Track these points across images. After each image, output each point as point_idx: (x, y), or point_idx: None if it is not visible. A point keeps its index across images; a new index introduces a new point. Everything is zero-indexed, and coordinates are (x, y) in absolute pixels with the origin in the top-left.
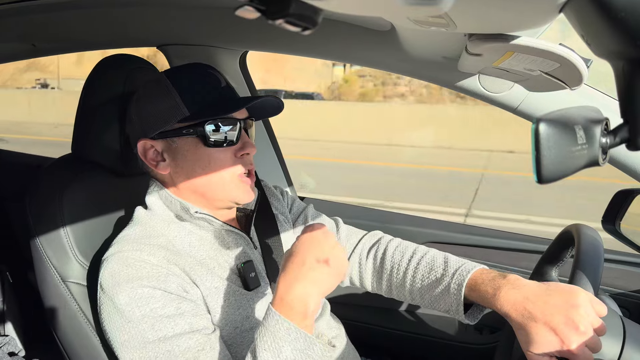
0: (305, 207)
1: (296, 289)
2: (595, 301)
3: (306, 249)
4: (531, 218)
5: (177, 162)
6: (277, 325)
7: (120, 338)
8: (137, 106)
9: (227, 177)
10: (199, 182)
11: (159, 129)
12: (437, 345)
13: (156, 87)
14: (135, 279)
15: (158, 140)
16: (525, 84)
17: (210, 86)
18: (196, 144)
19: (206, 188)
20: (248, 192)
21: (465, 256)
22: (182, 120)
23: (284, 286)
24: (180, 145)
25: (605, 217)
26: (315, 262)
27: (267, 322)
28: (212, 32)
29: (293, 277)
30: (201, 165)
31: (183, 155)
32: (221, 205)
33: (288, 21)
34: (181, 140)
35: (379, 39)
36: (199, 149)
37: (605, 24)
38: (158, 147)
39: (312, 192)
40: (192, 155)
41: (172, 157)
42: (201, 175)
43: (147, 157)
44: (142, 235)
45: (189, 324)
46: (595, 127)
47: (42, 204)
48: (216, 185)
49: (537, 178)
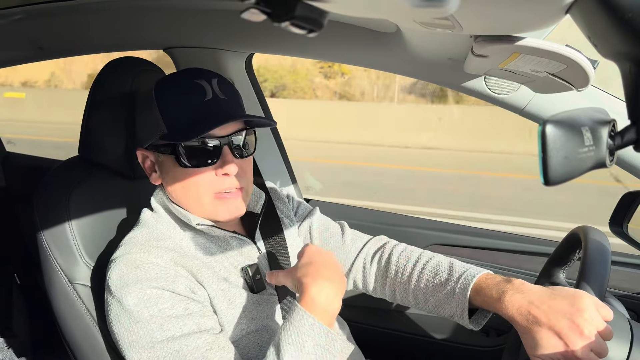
0: (311, 210)
1: (319, 296)
2: (600, 305)
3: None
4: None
5: (163, 176)
6: (301, 320)
7: (128, 338)
8: (137, 113)
9: (204, 196)
10: (181, 198)
11: (148, 141)
12: (443, 348)
13: (148, 97)
14: (144, 280)
15: (150, 152)
16: (532, 86)
17: (192, 101)
18: (174, 163)
19: (187, 205)
20: (229, 210)
21: (471, 258)
22: (162, 137)
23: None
24: (164, 161)
25: (613, 219)
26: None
27: (292, 317)
28: (218, 34)
29: (324, 278)
30: (180, 184)
31: (166, 171)
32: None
33: (294, 24)
34: (164, 156)
35: (384, 41)
36: (176, 168)
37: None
38: (151, 157)
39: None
40: (172, 173)
41: (160, 170)
42: (179, 193)
43: (144, 165)
44: (149, 237)
45: (197, 324)
46: (602, 129)
47: (50, 206)
48: (195, 204)
49: (544, 180)
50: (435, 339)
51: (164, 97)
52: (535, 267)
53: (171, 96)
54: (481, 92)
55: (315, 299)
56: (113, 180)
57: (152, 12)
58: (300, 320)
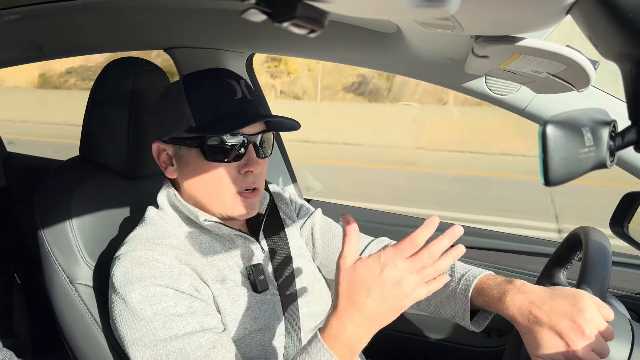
0: (313, 211)
1: (348, 331)
2: (601, 305)
3: (373, 290)
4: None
5: (181, 169)
6: (318, 353)
7: (131, 336)
8: (155, 108)
9: (226, 193)
10: (197, 193)
11: (170, 134)
12: (444, 349)
13: (173, 91)
14: (148, 277)
15: (169, 145)
16: (532, 86)
17: (223, 98)
18: (198, 156)
19: (205, 200)
20: (248, 208)
21: (472, 259)
22: (189, 130)
23: (337, 325)
24: (186, 154)
25: (613, 220)
26: (381, 308)
27: (311, 348)
28: (219, 35)
29: (348, 318)
30: (202, 178)
31: (186, 164)
32: (222, 217)
33: (294, 24)
34: (187, 150)
35: (385, 42)
36: (200, 161)
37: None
38: (169, 151)
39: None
40: (194, 166)
41: (178, 163)
42: (200, 188)
43: (159, 159)
44: (154, 235)
45: (200, 323)
46: (602, 129)
47: (50, 206)
48: (215, 199)
49: (544, 180)
50: (436, 340)
51: (194, 92)
52: (536, 268)
53: (202, 91)
54: (482, 92)
55: (339, 335)
56: (114, 180)
57: (152, 12)
58: (317, 353)
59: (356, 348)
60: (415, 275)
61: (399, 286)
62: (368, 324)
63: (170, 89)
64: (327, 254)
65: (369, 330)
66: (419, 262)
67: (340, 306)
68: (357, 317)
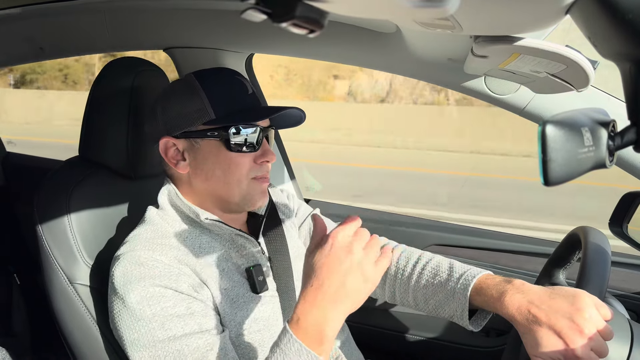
0: (311, 211)
1: (312, 315)
2: (600, 305)
3: (325, 267)
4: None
5: (197, 162)
6: (288, 344)
7: (130, 337)
8: (163, 104)
9: (244, 181)
10: (216, 184)
11: (183, 129)
12: (443, 348)
13: (184, 87)
14: (147, 277)
15: (181, 140)
16: (532, 86)
17: (237, 92)
18: (218, 147)
19: (223, 190)
20: (263, 196)
21: (471, 259)
22: (207, 123)
23: (302, 310)
24: (203, 147)
25: (613, 220)
26: (336, 282)
27: (280, 340)
28: (219, 35)
29: (310, 303)
30: (221, 168)
31: (204, 156)
32: (235, 208)
33: (294, 24)
34: (204, 142)
35: (384, 42)
36: (220, 152)
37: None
38: (180, 146)
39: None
40: (214, 158)
41: (193, 157)
42: (219, 178)
43: (167, 155)
44: (154, 235)
45: (199, 324)
46: (602, 129)
47: (50, 206)
48: (233, 188)
49: (544, 180)
50: (435, 340)
51: (210, 86)
52: (536, 268)
53: (218, 85)
54: (481, 92)
55: (300, 323)
56: (113, 180)
57: (152, 12)
58: (287, 344)
59: (325, 332)
60: (361, 248)
61: (348, 258)
62: (332, 304)
63: (178, 86)
64: None
65: (335, 312)
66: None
67: (303, 292)
68: (319, 299)
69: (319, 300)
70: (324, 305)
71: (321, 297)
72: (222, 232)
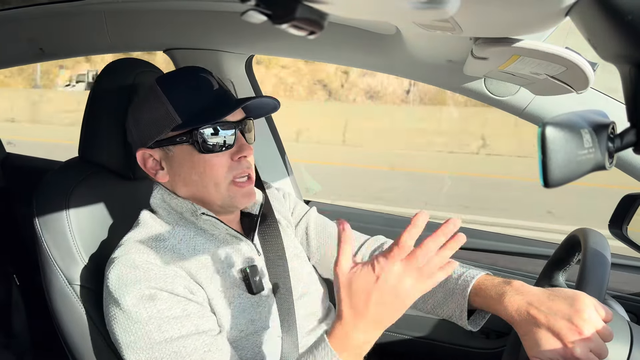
0: (308, 210)
1: (354, 338)
2: (600, 306)
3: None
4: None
5: (174, 170)
6: (325, 357)
7: (126, 339)
8: (133, 115)
9: (223, 182)
10: (195, 188)
11: (154, 138)
12: (442, 350)
13: (149, 95)
14: (143, 280)
15: (155, 149)
16: (531, 88)
17: (202, 91)
18: (191, 151)
19: (204, 194)
20: (246, 196)
21: (470, 260)
22: (175, 129)
23: (342, 332)
24: (176, 154)
25: (612, 221)
26: (375, 303)
27: (317, 350)
28: (218, 36)
29: (352, 325)
30: (197, 172)
31: (179, 163)
32: (220, 210)
33: (294, 25)
34: (176, 149)
35: (384, 43)
36: (194, 156)
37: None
38: (156, 156)
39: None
40: (188, 163)
41: (169, 165)
42: (197, 182)
43: (146, 166)
44: (148, 237)
45: (195, 326)
46: (601, 131)
47: (49, 207)
48: (214, 191)
49: (543, 182)
50: (434, 341)
51: (172, 90)
52: (535, 269)
53: (180, 87)
54: (481, 94)
55: (345, 341)
56: (113, 181)
57: (152, 13)
58: (324, 357)
59: (362, 352)
60: (413, 275)
61: (397, 290)
62: (372, 329)
63: (147, 94)
64: (322, 253)
65: (374, 334)
66: (414, 263)
67: (344, 315)
68: (361, 324)
69: (362, 326)
70: (368, 330)
71: (365, 324)
72: (216, 232)
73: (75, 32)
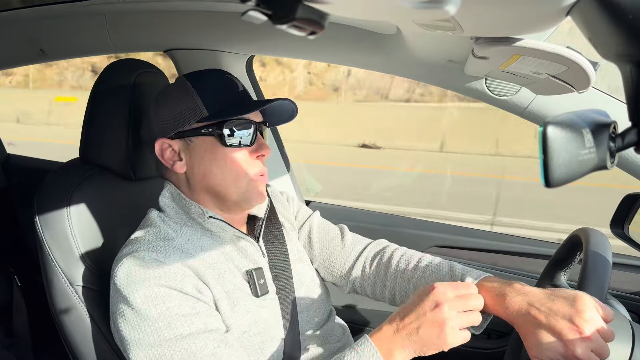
0: (311, 214)
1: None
2: (601, 306)
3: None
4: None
5: (193, 161)
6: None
7: (134, 336)
8: (157, 107)
9: (242, 177)
10: (214, 181)
11: (177, 129)
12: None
13: (177, 88)
14: (152, 277)
15: (176, 140)
16: (532, 87)
17: (229, 89)
18: (213, 144)
19: (221, 187)
20: (261, 194)
21: (471, 260)
22: (200, 120)
23: (386, 349)
24: (198, 145)
25: (614, 221)
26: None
27: (363, 352)
28: (219, 36)
29: (399, 345)
30: (217, 165)
31: (200, 154)
32: (233, 207)
33: (294, 25)
34: (199, 140)
35: (384, 43)
36: (216, 149)
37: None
38: (175, 146)
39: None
40: (209, 155)
41: (189, 156)
42: (217, 175)
43: (164, 156)
44: (156, 237)
45: (204, 324)
46: (602, 130)
47: (50, 208)
48: (231, 185)
49: (545, 182)
50: None
51: (201, 84)
52: (536, 269)
53: (209, 83)
54: (482, 93)
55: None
56: (113, 182)
57: (152, 14)
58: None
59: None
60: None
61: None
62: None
63: (171, 88)
64: (324, 257)
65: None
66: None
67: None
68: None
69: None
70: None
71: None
72: (223, 233)
73: (76, 33)
